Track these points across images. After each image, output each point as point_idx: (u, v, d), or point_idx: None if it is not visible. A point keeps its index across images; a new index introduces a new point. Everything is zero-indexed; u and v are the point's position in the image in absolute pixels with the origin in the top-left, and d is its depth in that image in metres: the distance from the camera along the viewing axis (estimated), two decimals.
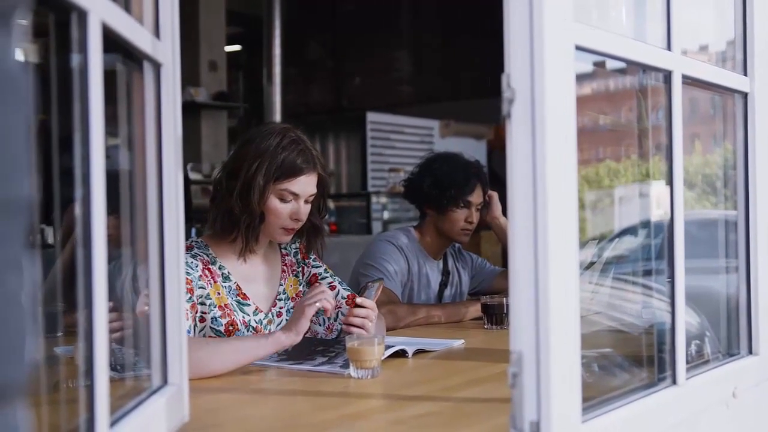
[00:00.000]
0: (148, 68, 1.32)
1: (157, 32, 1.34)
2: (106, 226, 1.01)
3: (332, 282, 2.38)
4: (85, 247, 0.99)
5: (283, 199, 2.18)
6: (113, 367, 1.22)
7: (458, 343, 2.35)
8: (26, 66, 0.63)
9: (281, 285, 2.34)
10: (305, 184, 2.20)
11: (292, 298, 2.35)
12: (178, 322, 1.38)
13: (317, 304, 2.00)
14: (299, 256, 2.41)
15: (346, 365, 1.91)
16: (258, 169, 2.14)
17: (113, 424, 1.07)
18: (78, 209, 0.99)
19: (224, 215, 2.20)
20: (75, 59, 0.99)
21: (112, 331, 1.10)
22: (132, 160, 1.34)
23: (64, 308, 1.56)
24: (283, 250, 2.39)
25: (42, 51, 1.03)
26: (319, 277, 2.38)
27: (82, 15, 0.97)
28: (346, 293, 2.36)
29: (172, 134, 1.36)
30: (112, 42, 1.09)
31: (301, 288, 2.37)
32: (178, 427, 1.38)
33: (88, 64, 0.98)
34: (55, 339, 1.66)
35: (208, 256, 2.21)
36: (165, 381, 1.36)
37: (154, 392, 1.32)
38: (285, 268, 2.37)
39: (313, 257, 2.41)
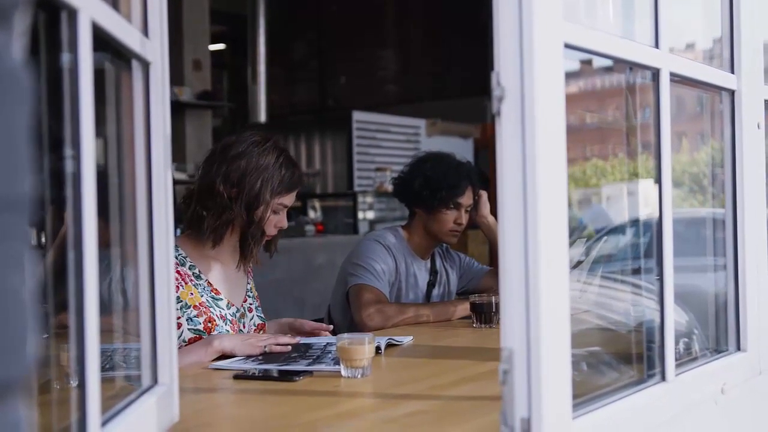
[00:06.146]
0: (136, 67, 1.31)
1: (145, 30, 1.33)
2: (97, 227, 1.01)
3: (257, 303, 2.48)
4: (76, 249, 0.98)
5: (276, 212, 2.28)
6: (102, 367, 1.21)
7: (407, 340, 2.34)
8: (26, 64, 0.63)
9: (248, 283, 2.44)
10: (294, 197, 2.33)
11: (256, 297, 2.46)
12: (168, 323, 1.37)
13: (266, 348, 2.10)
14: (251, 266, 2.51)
15: (336, 362, 1.90)
16: (264, 185, 2.22)
17: (104, 423, 1.07)
18: (68, 210, 0.98)
19: (225, 225, 2.25)
20: (64, 58, 0.98)
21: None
22: (120, 160, 1.34)
23: (49, 309, 1.55)
24: None
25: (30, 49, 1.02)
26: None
27: (72, 13, 0.97)
28: (258, 321, 2.44)
29: (161, 133, 1.36)
30: (100, 40, 1.08)
31: (256, 292, 2.50)
32: (168, 426, 1.38)
33: (78, 62, 0.98)
34: (42, 340, 1.64)
35: (176, 257, 2.23)
36: (155, 381, 1.35)
37: (145, 392, 1.31)
38: (249, 269, 2.46)
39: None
